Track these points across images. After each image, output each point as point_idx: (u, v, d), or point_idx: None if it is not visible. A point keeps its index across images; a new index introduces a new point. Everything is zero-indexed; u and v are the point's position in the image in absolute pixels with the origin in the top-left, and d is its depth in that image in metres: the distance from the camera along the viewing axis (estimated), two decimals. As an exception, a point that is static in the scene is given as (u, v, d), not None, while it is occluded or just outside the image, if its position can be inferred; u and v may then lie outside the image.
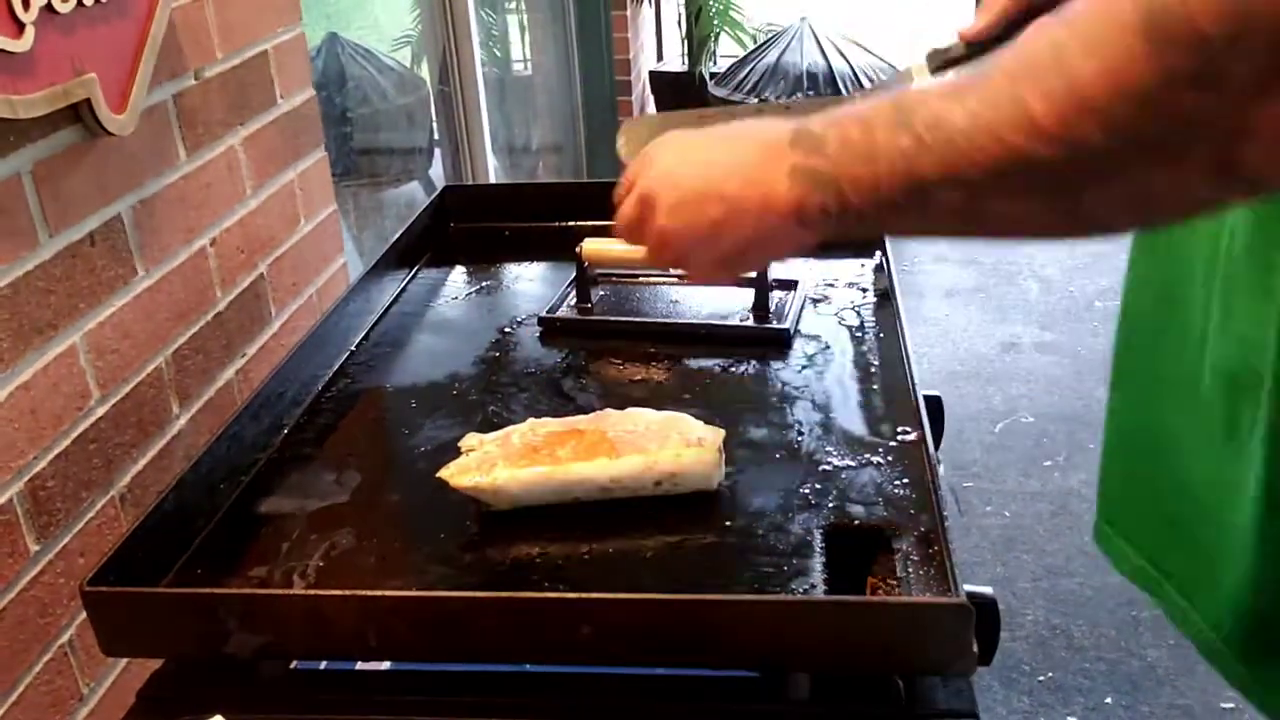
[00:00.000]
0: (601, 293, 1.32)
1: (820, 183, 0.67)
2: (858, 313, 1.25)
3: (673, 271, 0.93)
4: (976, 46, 0.95)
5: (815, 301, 1.28)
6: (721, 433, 0.94)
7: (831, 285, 1.32)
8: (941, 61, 0.99)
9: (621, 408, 0.97)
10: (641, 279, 1.34)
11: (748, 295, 1.26)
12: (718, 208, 0.72)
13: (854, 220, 0.67)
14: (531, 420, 0.97)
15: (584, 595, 0.78)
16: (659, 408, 0.98)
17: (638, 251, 0.81)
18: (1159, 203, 0.56)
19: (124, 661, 1.17)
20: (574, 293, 1.30)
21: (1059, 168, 0.55)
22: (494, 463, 0.91)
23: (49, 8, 1.00)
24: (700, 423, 0.95)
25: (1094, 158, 0.53)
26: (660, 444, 0.91)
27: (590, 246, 1.26)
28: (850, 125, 0.66)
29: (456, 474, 0.92)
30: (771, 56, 4.20)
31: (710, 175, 0.73)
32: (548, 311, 1.27)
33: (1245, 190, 0.55)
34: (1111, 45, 0.50)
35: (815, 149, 0.67)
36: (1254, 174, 0.51)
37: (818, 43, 4.19)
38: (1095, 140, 0.52)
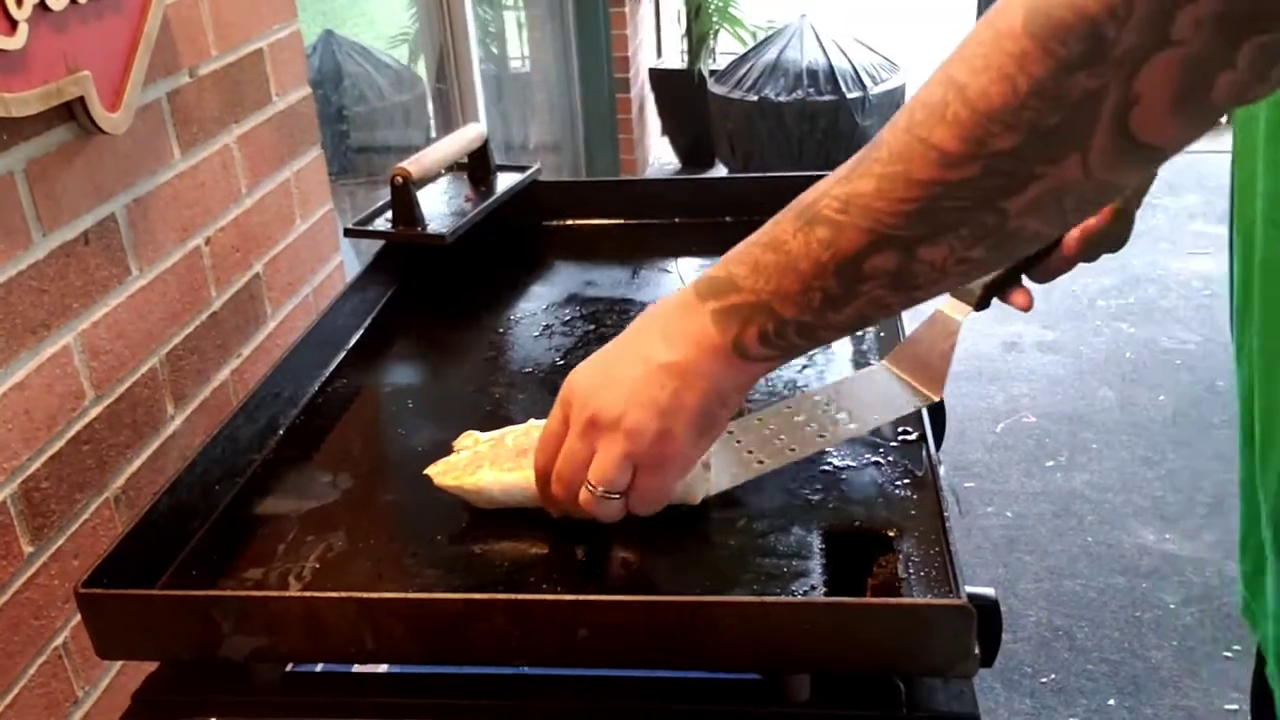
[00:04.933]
0: None
1: (747, 315, 0.68)
2: (858, 311, 1.24)
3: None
4: (1021, 264, 0.90)
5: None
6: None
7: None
8: (983, 287, 0.90)
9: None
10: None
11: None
12: (664, 383, 0.70)
13: (794, 333, 0.67)
14: (531, 422, 0.96)
15: (581, 597, 0.77)
16: None
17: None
18: (1076, 192, 0.58)
19: (119, 664, 1.16)
20: None
21: (978, 185, 0.58)
22: (481, 464, 0.90)
23: (42, 5, 1.00)
24: None
25: (1007, 163, 0.56)
26: None
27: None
28: (753, 252, 0.67)
29: (441, 472, 0.91)
30: (771, 54, 4.20)
31: (640, 362, 0.72)
32: None
33: (1145, 160, 0.57)
34: (1001, 54, 0.54)
35: (727, 290, 0.68)
36: (1149, 139, 0.55)
37: (818, 40, 4.19)
38: (1004, 145, 0.56)
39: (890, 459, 0.95)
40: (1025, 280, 0.92)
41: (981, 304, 0.91)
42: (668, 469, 0.74)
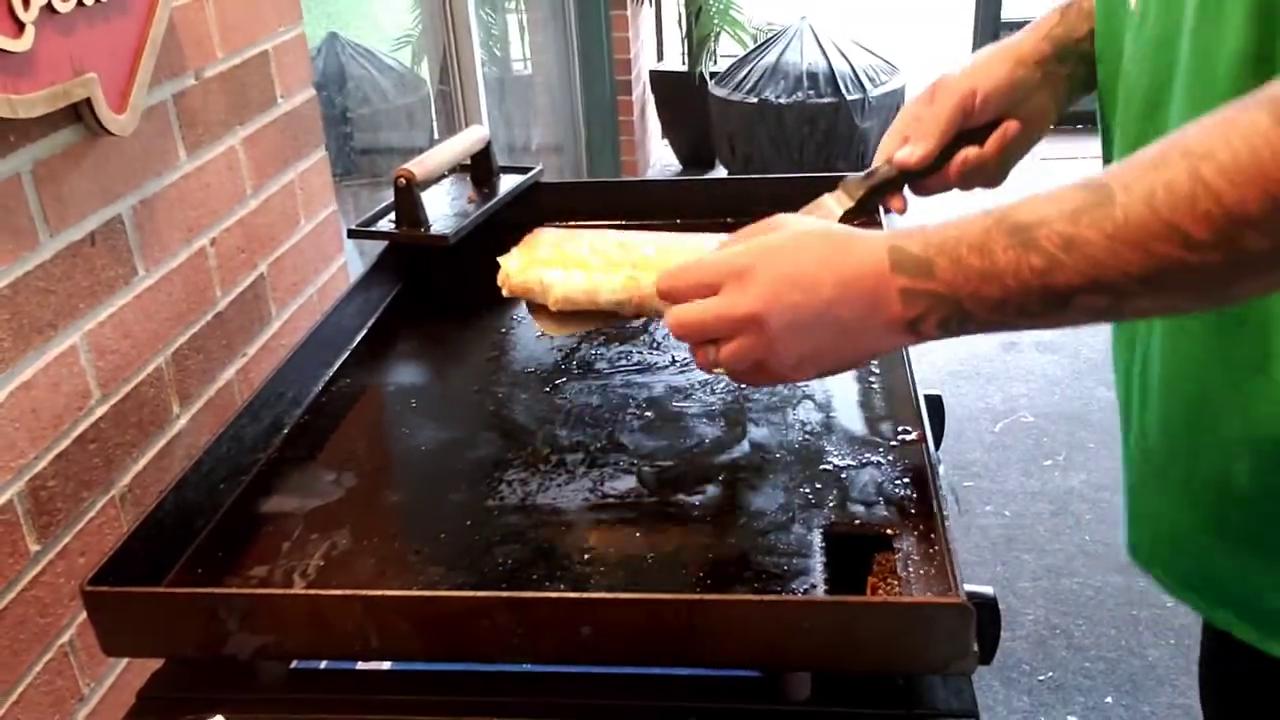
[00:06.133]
0: None
1: (934, 303, 0.70)
2: (858, 312, 1.25)
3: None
4: (907, 174, 0.96)
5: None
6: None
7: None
8: (867, 189, 0.96)
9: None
10: None
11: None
12: (832, 332, 0.74)
13: (975, 327, 0.71)
14: (615, 234, 1.00)
15: (584, 595, 0.78)
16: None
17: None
18: None
19: (124, 661, 1.17)
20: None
21: (1217, 269, 0.61)
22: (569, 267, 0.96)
23: (49, 7, 1.00)
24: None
25: (1255, 260, 0.60)
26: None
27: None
28: (958, 247, 0.69)
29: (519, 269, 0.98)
30: (771, 56, 4.21)
31: (821, 299, 0.74)
32: None
33: None
34: (1255, 162, 0.57)
35: (922, 273, 0.70)
36: None
37: (818, 42, 4.19)
38: (1258, 247, 0.59)
39: (890, 458, 0.96)
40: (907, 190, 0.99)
41: (861, 205, 0.97)
42: (777, 379, 0.79)
